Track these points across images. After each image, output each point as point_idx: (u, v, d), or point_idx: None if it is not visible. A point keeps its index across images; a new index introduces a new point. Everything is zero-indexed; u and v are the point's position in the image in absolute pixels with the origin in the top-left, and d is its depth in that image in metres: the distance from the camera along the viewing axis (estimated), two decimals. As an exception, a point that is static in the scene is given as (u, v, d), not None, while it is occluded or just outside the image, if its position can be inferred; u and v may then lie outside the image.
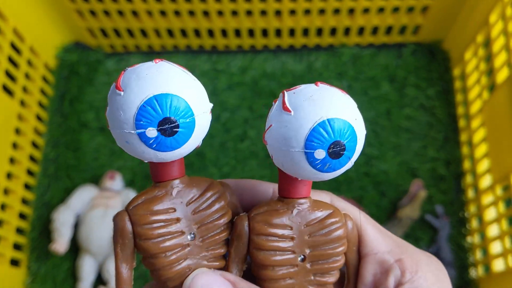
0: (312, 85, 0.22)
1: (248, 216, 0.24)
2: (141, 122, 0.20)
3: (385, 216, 0.70)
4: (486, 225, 0.64)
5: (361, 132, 0.22)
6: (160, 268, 0.23)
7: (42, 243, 0.70)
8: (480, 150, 0.68)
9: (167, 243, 0.23)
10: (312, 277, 0.24)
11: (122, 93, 0.20)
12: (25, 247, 0.70)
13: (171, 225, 0.23)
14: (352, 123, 0.21)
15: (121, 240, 0.23)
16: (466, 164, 0.72)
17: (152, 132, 0.20)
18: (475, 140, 0.70)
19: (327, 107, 0.21)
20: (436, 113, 0.75)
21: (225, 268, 0.25)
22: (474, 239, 0.68)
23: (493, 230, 0.64)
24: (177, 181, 0.24)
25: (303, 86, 0.22)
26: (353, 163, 0.22)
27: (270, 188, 0.28)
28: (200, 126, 0.21)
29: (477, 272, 0.67)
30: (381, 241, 0.26)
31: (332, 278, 0.25)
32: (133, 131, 0.20)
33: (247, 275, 0.25)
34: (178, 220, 0.23)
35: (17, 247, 0.68)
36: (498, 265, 0.62)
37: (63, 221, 0.66)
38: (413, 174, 0.72)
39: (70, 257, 0.69)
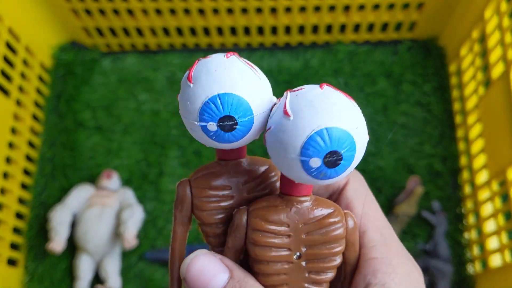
0: (317, 88, 0.21)
1: (247, 210, 0.24)
2: (204, 116, 0.21)
3: (382, 212, 0.70)
4: (483, 220, 0.64)
5: (361, 140, 0.21)
6: (211, 236, 0.26)
7: (39, 243, 0.69)
8: (476, 145, 0.68)
9: (219, 216, 0.25)
10: (307, 275, 0.24)
11: (191, 85, 0.21)
12: (22, 246, 0.69)
13: (225, 201, 0.25)
14: (351, 133, 0.20)
15: (180, 206, 0.26)
16: (463, 160, 0.72)
17: (212, 126, 0.21)
18: (471, 136, 0.70)
19: (326, 115, 0.20)
20: (432, 109, 0.75)
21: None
22: (471, 235, 0.68)
23: (490, 226, 0.64)
24: (237, 162, 0.25)
25: (307, 88, 0.22)
26: (351, 171, 0.22)
27: None
28: (258, 123, 0.22)
29: (474, 268, 0.67)
30: (368, 236, 0.26)
31: (328, 276, 0.25)
32: (196, 122, 0.22)
33: (244, 265, 0.26)
34: (232, 197, 0.25)
35: (14, 246, 0.68)
36: (495, 261, 0.62)
37: (60, 220, 0.66)
38: (409, 170, 0.72)
39: (68, 256, 0.69)
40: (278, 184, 0.26)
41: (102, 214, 0.67)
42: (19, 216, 0.69)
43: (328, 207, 0.24)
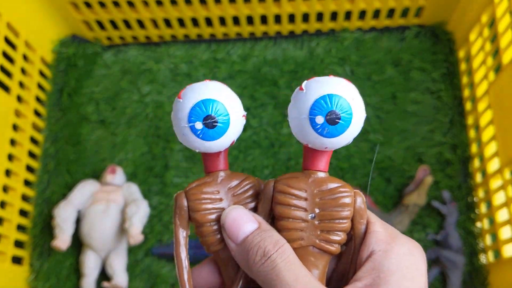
0: (326, 76, 0.29)
1: (275, 180, 0.31)
2: (192, 118, 0.29)
3: (391, 203, 0.69)
4: (495, 209, 0.63)
5: (358, 111, 0.28)
6: (206, 235, 0.31)
7: (44, 240, 0.69)
8: (487, 133, 0.67)
9: (212, 216, 0.31)
10: (319, 232, 0.30)
11: (181, 100, 0.29)
12: (27, 244, 0.69)
13: (215, 202, 0.31)
14: (348, 100, 0.28)
15: (178, 212, 0.31)
16: (473, 148, 0.70)
17: (199, 125, 0.28)
18: (482, 123, 0.68)
19: (329, 87, 0.28)
20: (442, 96, 0.73)
21: None
22: (483, 224, 0.67)
23: (502, 215, 0.62)
24: (222, 172, 0.32)
25: (319, 77, 0.29)
26: (351, 140, 0.29)
27: None
28: (235, 124, 0.29)
29: (487, 258, 0.65)
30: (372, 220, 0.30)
31: (338, 237, 0.30)
32: (186, 125, 0.29)
33: None
34: (221, 200, 0.31)
35: (18, 244, 0.68)
36: (508, 250, 0.61)
37: (64, 217, 0.65)
38: (419, 159, 0.70)
39: (73, 253, 0.68)
40: (254, 190, 0.32)
41: (107, 210, 0.66)
42: (23, 213, 0.69)
43: (338, 181, 0.30)
